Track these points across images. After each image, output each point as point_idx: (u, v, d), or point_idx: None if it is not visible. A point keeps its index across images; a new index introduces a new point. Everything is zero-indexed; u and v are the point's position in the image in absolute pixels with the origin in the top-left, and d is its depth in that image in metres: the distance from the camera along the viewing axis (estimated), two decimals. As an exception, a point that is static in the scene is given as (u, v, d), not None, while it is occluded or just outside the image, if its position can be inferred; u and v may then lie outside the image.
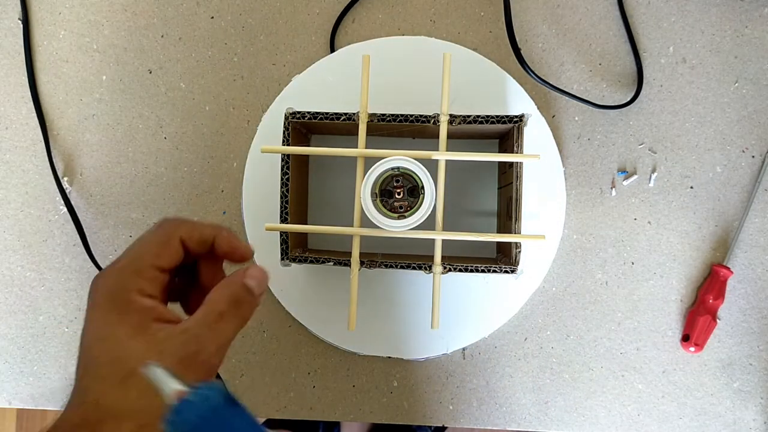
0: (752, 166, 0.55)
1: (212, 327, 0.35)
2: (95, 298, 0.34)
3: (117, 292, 0.34)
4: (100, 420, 0.32)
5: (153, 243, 0.36)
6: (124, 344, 0.33)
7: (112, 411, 0.32)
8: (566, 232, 0.55)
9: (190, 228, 0.37)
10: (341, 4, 0.57)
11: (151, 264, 0.35)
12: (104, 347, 0.33)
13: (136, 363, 0.32)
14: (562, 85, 0.56)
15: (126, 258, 0.35)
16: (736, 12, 0.56)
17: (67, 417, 0.32)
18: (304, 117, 0.47)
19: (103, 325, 0.33)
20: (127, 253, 0.35)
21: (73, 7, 0.58)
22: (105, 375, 0.32)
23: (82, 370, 0.33)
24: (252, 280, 0.37)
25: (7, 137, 0.58)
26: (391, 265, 0.48)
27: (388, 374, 0.56)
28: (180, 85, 0.58)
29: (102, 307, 0.34)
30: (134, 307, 0.34)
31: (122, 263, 0.35)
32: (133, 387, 0.32)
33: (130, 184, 0.58)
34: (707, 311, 0.53)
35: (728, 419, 0.54)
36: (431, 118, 0.47)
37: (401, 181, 0.46)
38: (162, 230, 0.36)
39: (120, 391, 0.32)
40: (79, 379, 0.33)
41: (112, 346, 0.33)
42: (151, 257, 0.35)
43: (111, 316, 0.33)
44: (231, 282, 0.37)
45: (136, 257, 0.35)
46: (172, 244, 0.36)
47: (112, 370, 0.32)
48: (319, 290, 0.55)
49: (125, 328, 0.33)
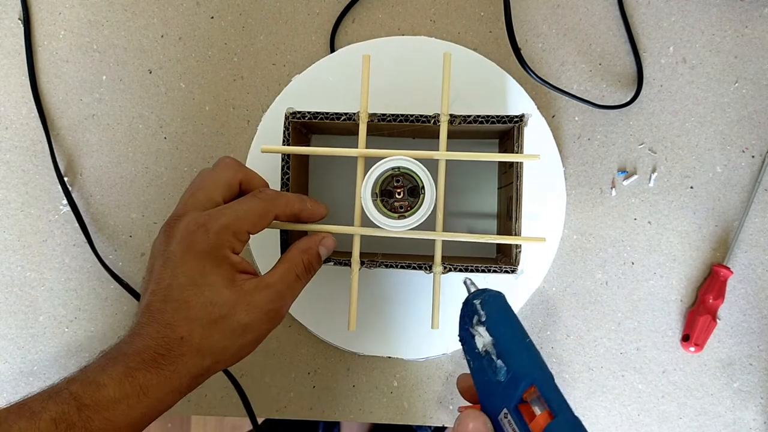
0: (752, 166, 0.55)
1: (291, 286, 0.41)
2: (195, 248, 0.38)
3: (216, 247, 0.38)
4: (183, 354, 0.36)
5: (253, 213, 0.40)
6: (218, 292, 0.38)
7: (195, 347, 0.37)
8: (566, 232, 0.55)
9: (284, 205, 0.42)
10: (341, 4, 0.57)
11: (247, 230, 0.40)
12: (199, 291, 0.37)
13: (226, 310, 0.38)
14: (562, 85, 0.56)
15: (226, 217, 0.39)
16: (736, 12, 0.56)
17: (149, 345, 0.36)
18: (305, 117, 0.47)
19: (198, 274, 0.38)
20: (225, 212, 0.39)
21: (73, 7, 0.58)
22: (196, 317, 0.37)
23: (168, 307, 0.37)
24: (325, 249, 0.44)
25: (7, 137, 0.58)
26: (391, 265, 0.48)
27: (388, 374, 0.56)
28: (180, 85, 0.58)
29: (199, 256, 0.38)
30: (228, 262, 0.39)
31: (223, 222, 0.39)
32: (219, 330, 0.37)
33: (130, 184, 0.58)
34: (707, 311, 0.53)
35: (728, 419, 0.54)
36: (431, 118, 0.47)
37: (401, 181, 0.46)
38: (262, 204, 0.41)
39: (207, 331, 0.37)
40: (160, 314, 0.37)
41: (206, 292, 0.37)
42: (249, 225, 0.40)
43: (206, 266, 0.38)
44: (309, 247, 0.43)
45: (237, 220, 0.39)
46: (268, 218, 0.41)
47: (204, 312, 0.37)
48: (319, 290, 0.55)
49: (219, 278, 0.38)
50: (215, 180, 0.41)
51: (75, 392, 0.34)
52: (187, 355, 0.37)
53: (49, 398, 0.34)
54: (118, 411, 0.34)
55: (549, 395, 0.32)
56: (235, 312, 0.38)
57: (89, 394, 0.34)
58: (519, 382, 0.33)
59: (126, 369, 0.35)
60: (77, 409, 0.33)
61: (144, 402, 0.35)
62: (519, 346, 0.35)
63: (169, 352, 0.36)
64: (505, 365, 0.34)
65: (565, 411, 0.32)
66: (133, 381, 0.35)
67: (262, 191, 0.42)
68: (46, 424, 0.33)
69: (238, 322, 0.38)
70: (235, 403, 0.56)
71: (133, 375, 0.35)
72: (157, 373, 0.36)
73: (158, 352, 0.36)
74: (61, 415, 0.33)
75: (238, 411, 0.56)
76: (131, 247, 0.57)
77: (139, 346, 0.36)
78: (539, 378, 0.33)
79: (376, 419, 0.56)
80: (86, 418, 0.33)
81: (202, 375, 0.38)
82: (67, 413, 0.33)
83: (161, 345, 0.36)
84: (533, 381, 0.33)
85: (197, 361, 0.37)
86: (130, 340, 0.37)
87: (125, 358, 0.36)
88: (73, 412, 0.33)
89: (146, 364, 0.36)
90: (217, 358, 0.38)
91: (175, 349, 0.36)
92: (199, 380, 0.38)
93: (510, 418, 0.32)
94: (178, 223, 0.39)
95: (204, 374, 0.38)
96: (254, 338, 0.40)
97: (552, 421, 0.31)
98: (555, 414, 0.31)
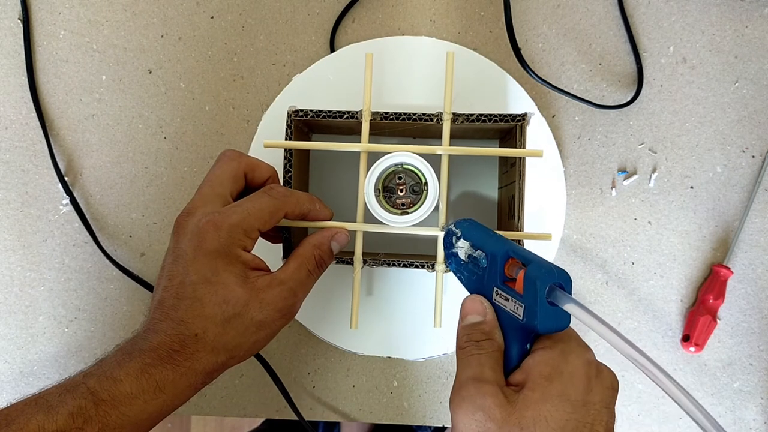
0: (752, 166, 0.55)
1: (303, 282, 0.41)
2: (206, 245, 0.38)
3: (227, 246, 0.38)
4: (197, 350, 0.37)
5: (264, 211, 0.40)
6: (231, 290, 0.38)
7: (210, 344, 0.37)
8: (566, 232, 0.55)
9: (294, 204, 0.42)
10: (341, 4, 0.57)
11: (258, 228, 0.40)
12: (212, 289, 0.38)
13: (240, 308, 0.38)
14: (562, 85, 0.56)
15: (237, 215, 0.39)
16: (736, 12, 0.56)
17: (164, 341, 0.36)
18: (307, 115, 0.47)
19: (210, 272, 0.38)
20: (236, 210, 0.40)
21: (73, 7, 0.58)
22: (210, 314, 0.37)
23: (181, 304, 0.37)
24: (336, 244, 0.44)
25: (7, 137, 0.58)
26: (394, 263, 0.47)
27: (388, 374, 0.56)
28: (180, 85, 0.58)
29: (211, 254, 0.38)
30: (239, 260, 0.39)
31: (234, 220, 0.39)
32: (233, 328, 0.38)
33: (130, 184, 0.58)
34: (707, 311, 0.53)
35: (728, 419, 0.54)
36: (434, 116, 0.47)
37: (404, 178, 0.46)
38: (272, 201, 0.41)
39: (221, 328, 0.37)
40: (173, 311, 0.37)
41: (219, 290, 0.38)
42: (260, 223, 0.40)
43: (218, 264, 0.38)
44: (321, 243, 0.43)
45: (247, 218, 0.39)
46: (278, 216, 0.41)
47: (218, 310, 0.37)
48: (320, 290, 0.55)
49: (232, 276, 0.38)
50: (219, 174, 0.42)
51: (92, 387, 0.34)
52: (201, 352, 0.37)
53: (66, 392, 0.34)
54: (135, 406, 0.35)
55: (519, 253, 0.37)
56: (249, 309, 0.38)
57: (106, 389, 0.34)
58: (496, 258, 0.38)
59: (142, 365, 0.35)
60: (94, 404, 0.34)
61: (160, 398, 0.36)
62: (489, 237, 0.40)
63: (184, 349, 0.36)
64: (483, 253, 0.39)
65: (535, 257, 0.36)
66: (149, 377, 0.35)
67: (273, 188, 0.42)
68: (63, 418, 0.33)
69: (252, 320, 0.38)
70: (235, 403, 0.56)
71: (149, 371, 0.35)
72: (173, 370, 0.36)
73: (173, 348, 0.36)
74: (78, 410, 0.33)
75: (238, 411, 0.56)
76: (131, 247, 0.57)
77: (155, 342, 0.36)
78: (510, 248, 0.38)
79: (376, 419, 0.56)
80: (103, 413, 0.34)
81: (216, 371, 0.39)
82: (84, 408, 0.33)
83: (176, 341, 0.37)
84: (506, 252, 0.38)
85: (212, 358, 0.37)
86: (145, 336, 0.37)
87: (141, 354, 0.36)
88: (90, 407, 0.34)
89: (162, 360, 0.36)
90: (231, 354, 0.38)
91: (190, 345, 0.37)
92: (214, 375, 0.39)
93: (501, 292, 0.37)
94: (188, 220, 0.39)
95: (219, 370, 0.39)
96: (268, 334, 0.40)
97: (527, 269, 0.35)
98: (527, 263, 0.36)
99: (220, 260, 0.38)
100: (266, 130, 0.56)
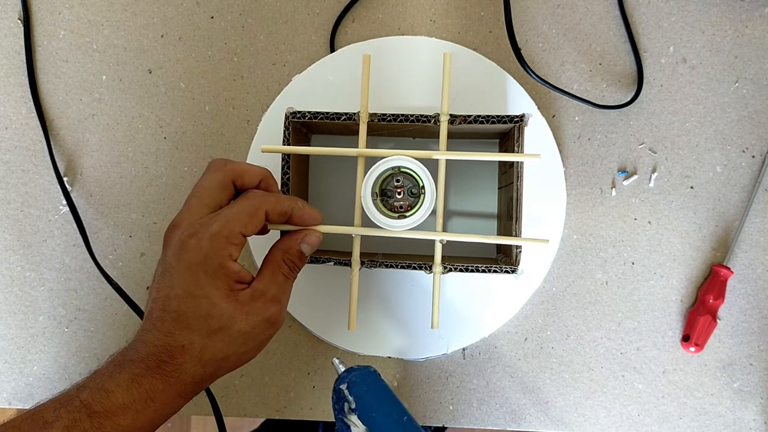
0: (752, 166, 0.55)
1: (282, 287, 0.41)
2: (188, 258, 0.38)
3: (211, 257, 0.38)
4: (185, 361, 0.37)
5: (242, 213, 0.39)
6: (216, 304, 0.38)
7: (197, 356, 0.37)
8: (566, 232, 0.55)
9: (274, 202, 0.41)
10: (341, 4, 0.57)
11: (240, 232, 0.39)
12: (196, 303, 0.38)
13: (225, 321, 0.38)
14: (562, 85, 0.56)
15: (217, 224, 0.39)
16: (736, 12, 0.56)
17: (152, 352, 0.37)
18: (305, 117, 0.47)
19: (195, 285, 0.38)
20: (216, 218, 0.39)
21: (73, 7, 0.58)
22: (195, 327, 0.37)
23: (167, 316, 0.37)
24: (307, 246, 0.43)
25: (7, 137, 0.58)
26: (392, 265, 0.47)
27: (388, 374, 0.56)
28: (180, 85, 0.58)
29: (193, 267, 0.38)
30: (224, 272, 0.38)
31: (214, 229, 0.38)
32: (219, 340, 0.38)
33: (130, 184, 0.58)
34: (707, 311, 0.53)
35: (728, 419, 0.54)
36: (432, 118, 0.47)
37: (401, 181, 0.46)
38: (249, 202, 0.40)
39: (207, 341, 0.38)
40: (160, 322, 0.38)
41: (204, 304, 0.38)
42: (240, 226, 0.39)
43: (202, 276, 0.38)
44: (289, 247, 0.43)
45: (227, 224, 0.39)
46: (258, 216, 0.40)
47: (203, 324, 0.37)
48: (319, 290, 0.55)
49: (215, 290, 0.38)
50: (206, 185, 0.41)
51: (85, 400, 0.35)
52: (189, 363, 0.37)
53: (60, 406, 0.35)
54: (127, 417, 0.35)
55: None
56: (234, 322, 0.38)
57: (99, 401, 0.35)
58: None
59: (132, 375, 0.36)
60: (88, 417, 0.34)
61: (151, 407, 0.36)
62: (388, 418, 0.34)
63: (171, 359, 0.37)
64: None
65: None
66: (139, 387, 0.36)
67: (251, 191, 0.42)
68: None
69: (239, 332, 0.39)
70: (235, 403, 0.56)
71: (139, 381, 0.36)
72: (162, 380, 0.36)
73: (161, 359, 0.37)
74: (73, 423, 0.34)
75: (238, 411, 0.56)
76: (131, 247, 0.57)
77: (143, 353, 0.37)
78: None
79: (376, 419, 0.56)
80: (98, 424, 0.34)
81: (205, 381, 0.39)
82: (78, 421, 0.34)
83: (164, 352, 0.37)
84: None
85: (200, 369, 0.38)
86: (136, 347, 0.38)
87: (131, 364, 0.37)
88: (84, 420, 0.34)
89: (151, 370, 0.36)
90: (219, 365, 0.39)
91: (178, 356, 0.37)
92: (203, 386, 0.39)
93: None
94: (174, 233, 0.39)
95: (208, 380, 0.39)
96: (256, 345, 0.40)
97: None
98: None
99: (204, 273, 0.38)
100: (266, 130, 0.56)
